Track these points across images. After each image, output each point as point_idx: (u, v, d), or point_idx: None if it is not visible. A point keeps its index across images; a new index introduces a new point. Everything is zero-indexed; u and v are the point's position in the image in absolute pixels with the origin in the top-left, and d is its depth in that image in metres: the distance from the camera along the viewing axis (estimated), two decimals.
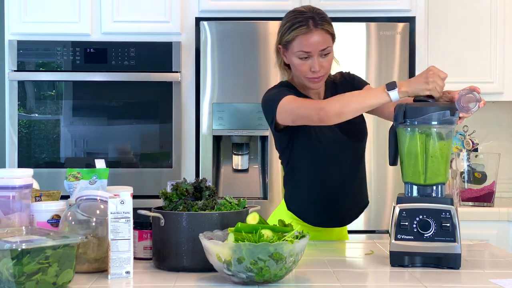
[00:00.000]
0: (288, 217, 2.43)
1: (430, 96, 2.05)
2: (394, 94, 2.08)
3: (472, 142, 3.95)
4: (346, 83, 2.50)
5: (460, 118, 2.03)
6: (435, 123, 1.96)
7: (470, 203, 3.59)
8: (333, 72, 2.53)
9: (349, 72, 2.56)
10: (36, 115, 3.54)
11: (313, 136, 2.38)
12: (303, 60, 2.33)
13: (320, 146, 2.40)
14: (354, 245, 2.43)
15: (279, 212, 2.52)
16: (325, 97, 2.46)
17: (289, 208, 2.49)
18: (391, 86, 2.09)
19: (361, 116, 2.47)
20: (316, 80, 2.36)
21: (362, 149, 2.53)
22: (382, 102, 2.13)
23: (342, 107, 2.16)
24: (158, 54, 3.53)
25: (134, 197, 1.93)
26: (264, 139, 3.49)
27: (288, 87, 2.42)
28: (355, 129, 2.45)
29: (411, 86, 2.06)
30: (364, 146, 2.53)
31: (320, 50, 2.32)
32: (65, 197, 2.09)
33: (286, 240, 1.68)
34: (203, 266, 1.79)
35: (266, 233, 1.71)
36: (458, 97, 2.02)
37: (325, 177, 2.43)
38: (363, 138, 2.51)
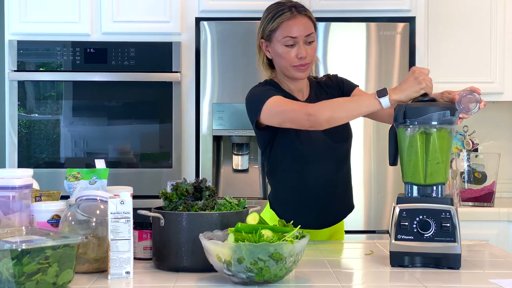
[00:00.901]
0: (270, 217, 2.42)
1: (425, 94, 2.05)
2: (385, 102, 2.09)
3: (472, 142, 3.95)
4: (332, 85, 2.50)
5: (459, 118, 2.04)
6: (435, 123, 1.96)
7: (470, 203, 3.59)
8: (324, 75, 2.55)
9: (336, 75, 2.56)
10: (36, 115, 3.54)
11: (294, 135, 2.37)
12: (289, 47, 2.35)
13: (302, 145, 2.38)
14: (354, 245, 2.43)
15: (264, 212, 2.51)
16: (309, 95, 2.46)
17: (272, 207, 2.48)
18: (381, 93, 2.09)
19: None
20: (303, 68, 2.37)
21: (346, 151, 2.50)
22: (373, 110, 2.14)
23: (333, 113, 2.17)
24: (158, 54, 3.53)
25: (134, 197, 1.93)
26: None
27: (272, 86, 2.41)
28: (338, 130, 2.39)
29: (403, 92, 2.06)
30: (349, 147, 2.51)
31: (305, 35, 2.35)
32: (65, 197, 2.09)
33: (286, 240, 1.68)
34: (203, 266, 1.79)
35: (266, 233, 1.71)
36: (458, 98, 2.02)
37: (306, 177, 2.42)
38: (347, 139, 2.49)
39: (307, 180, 2.42)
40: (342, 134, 2.46)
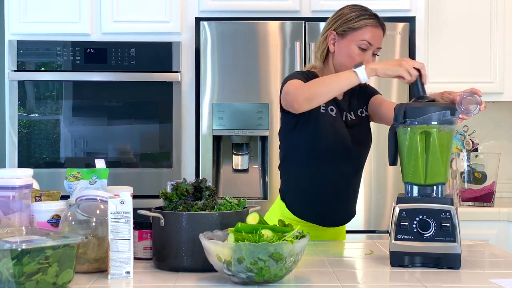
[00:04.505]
0: (279, 211, 2.45)
1: (424, 96, 2.05)
2: (360, 71, 2.13)
3: (472, 142, 3.95)
4: (360, 89, 2.52)
5: (459, 118, 2.04)
6: (435, 123, 1.96)
7: (470, 203, 3.59)
8: None
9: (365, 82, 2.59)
10: (36, 115, 3.54)
11: (321, 128, 2.38)
12: (361, 51, 2.37)
13: (325, 141, 2.39)
14: (354, 245, 2.43)
15: (274, 208, 2.53)
16: (343, 99, 2.48)
17: (282, 198, 2.49)
18: (357, 64, 2.15)
19: (368, 126, 2.52)
20: None
21: (363, 158, 2.52)
22: (352, 83, 2.17)
23: (311, 89, 2.19)
24: (158, 54, 3.53)
25: (134, 197, 1.93)
26: (264, 139, 3.49)
27: (310, 76, 2.40)
28: (361, 136, 2.47)
29: (380, 65, 2.12)
30: (366, 155, 2.53)
31: (377, 47, 2.40)
32: (65, 197, 2.09)
33: (286, 240, 1.68)
34: (203, 266, 1.79)
35: (266, 233, 1.71)
36: (459, 99, 2.01)
37: (320, 174, 2.43)
38: (366, 145, 2.52)
39: (320, 177, 2.43)
40: (363, 138, 2.49)
